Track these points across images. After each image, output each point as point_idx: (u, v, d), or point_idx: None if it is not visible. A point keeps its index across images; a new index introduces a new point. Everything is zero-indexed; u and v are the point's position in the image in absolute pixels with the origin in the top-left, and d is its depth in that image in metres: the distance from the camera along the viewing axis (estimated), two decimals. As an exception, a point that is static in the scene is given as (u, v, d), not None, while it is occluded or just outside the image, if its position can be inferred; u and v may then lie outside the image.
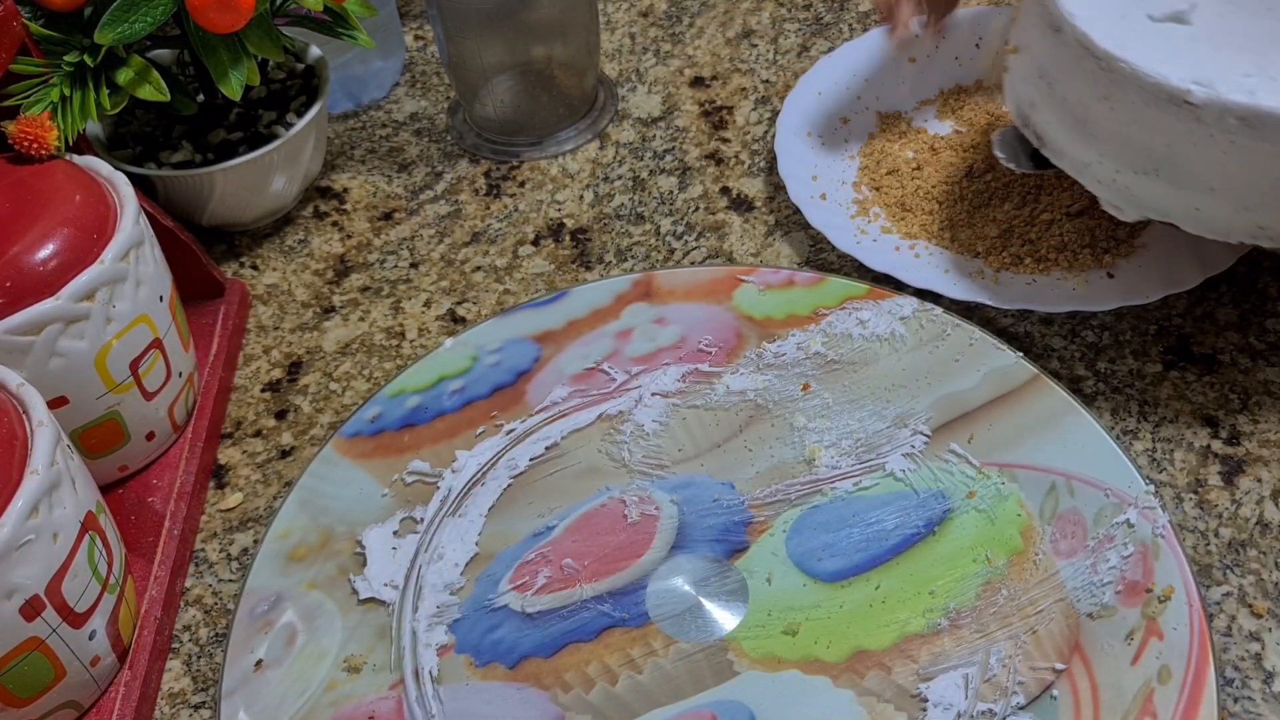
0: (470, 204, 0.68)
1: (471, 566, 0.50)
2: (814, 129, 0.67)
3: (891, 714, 0.44)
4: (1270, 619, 0.46)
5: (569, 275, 0.63)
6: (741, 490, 0.51)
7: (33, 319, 0.46)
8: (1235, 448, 0.52)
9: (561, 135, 0.71)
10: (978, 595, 0.47)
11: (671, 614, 0.48)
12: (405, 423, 0.55)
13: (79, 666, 0.44)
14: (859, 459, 0.52)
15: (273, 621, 0.49)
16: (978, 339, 0.55)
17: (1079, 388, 0.55)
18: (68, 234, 0.48)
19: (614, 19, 0.80)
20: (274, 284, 0.65)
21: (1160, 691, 0.43)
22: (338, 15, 0.60)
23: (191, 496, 0.53)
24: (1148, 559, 0.47)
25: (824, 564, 0.49)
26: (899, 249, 0.60)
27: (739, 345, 0.57)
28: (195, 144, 0.63)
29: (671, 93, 0.74)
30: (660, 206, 0.66)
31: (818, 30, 0.77)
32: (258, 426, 0.58)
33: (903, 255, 0.60)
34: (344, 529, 0.52)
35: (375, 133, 0.74)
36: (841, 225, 0.61)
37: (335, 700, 0.46)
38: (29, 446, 0.42)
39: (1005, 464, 0.51)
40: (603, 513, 0.51)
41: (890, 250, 0.60)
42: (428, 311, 0.62)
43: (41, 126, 0.51)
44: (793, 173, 0.63)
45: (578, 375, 0.56)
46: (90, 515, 0.44)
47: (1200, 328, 0.56)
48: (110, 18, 0.53)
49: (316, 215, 0.68)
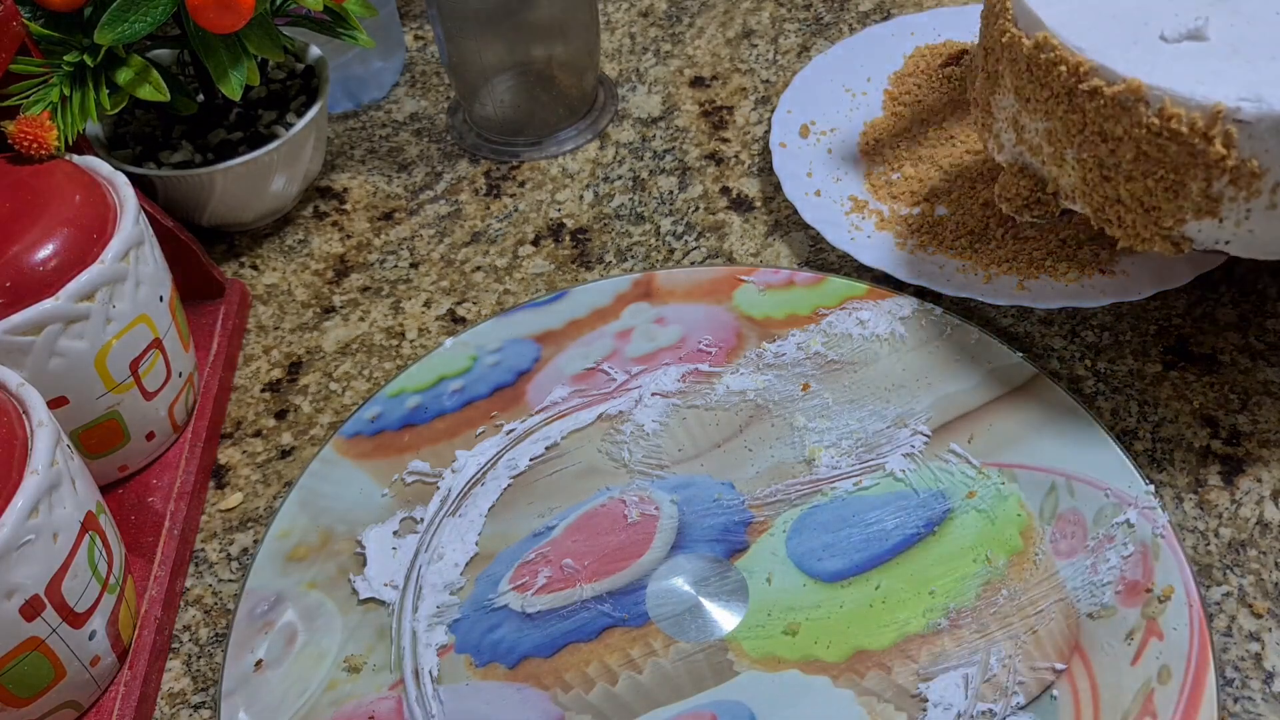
0: (470, 204, 0.68)
1: (471, 566, 0.50)
2: (809, 126, 0.67)
3: (891, 714, 0.44)
4: (1270, 619, 0.46)
5: (569, 275, 0.63)
6: (741, 490, 0.51)
7: (33, 319, 0.46)
8: (1235, 448, 0.52)
9: (561, 135, 0.71)
10: (978, 595, 0.47)
11: (671, 614, 0.48)
12: (405, 423, 0.55)
13: (79, 666, 0.44)
14: (859, 459, 0.52)
15: (273, 621, 0.49)
16: (977, 339, 0.55)
17: (1079, 388, 0.55)
18: (68, 234, 0.48)
19: (614, 19, 0.80)
20: (274, 284, 0.65)
21: (1160, 691, 0.43)
22: (338, 15, 0.60)
23: (191, 496, 0.53)
24: (1148, 559, 0.47)
25: (824, 564, 0.49)
26: (894, 246, 0.60)
27: (739, 345, 0.57)
28: (195, 144, 0.63)
29: (671, 93, 0.74)
30: (660, 206, 0.66)
31: (818, 30, 0.77)
32: (258, 426, 0.58)
33: (897, 252, 0.60)
34: (344, 529, 0.52)
35: (375, 133, 0.74)
36: (836, 222, 0.61)
37: (335, 700, 0.46)
38: (29, 446, 0.42)
39: (1005, 464, 0.51)
40: (603, 513, 0.51)
41: (885, 247, 0.60)
42: (428, 311, 0.62)
43: (41, 126, 0.51)
44: (788, 170, 0.64)
45: (578, 375, 0.56)
46: (90, 515, 0.44)
47: (1200, 328, 0.56)
48: (110, 18, 0.53)
49: (316, 215, 0.68)
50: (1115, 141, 0.48)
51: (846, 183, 0.64)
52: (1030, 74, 0.50)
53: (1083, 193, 0.50)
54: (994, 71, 0.53)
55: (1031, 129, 0.51)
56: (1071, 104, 0.48)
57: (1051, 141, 0.50)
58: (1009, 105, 0.52)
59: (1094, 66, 0.47)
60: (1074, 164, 0.50)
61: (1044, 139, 0.51)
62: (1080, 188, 0.50)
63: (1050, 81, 0.49)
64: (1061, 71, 0.48)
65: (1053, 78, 0.49)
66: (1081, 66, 0.48)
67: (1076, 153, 0.49)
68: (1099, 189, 0.49)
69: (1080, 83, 0.48)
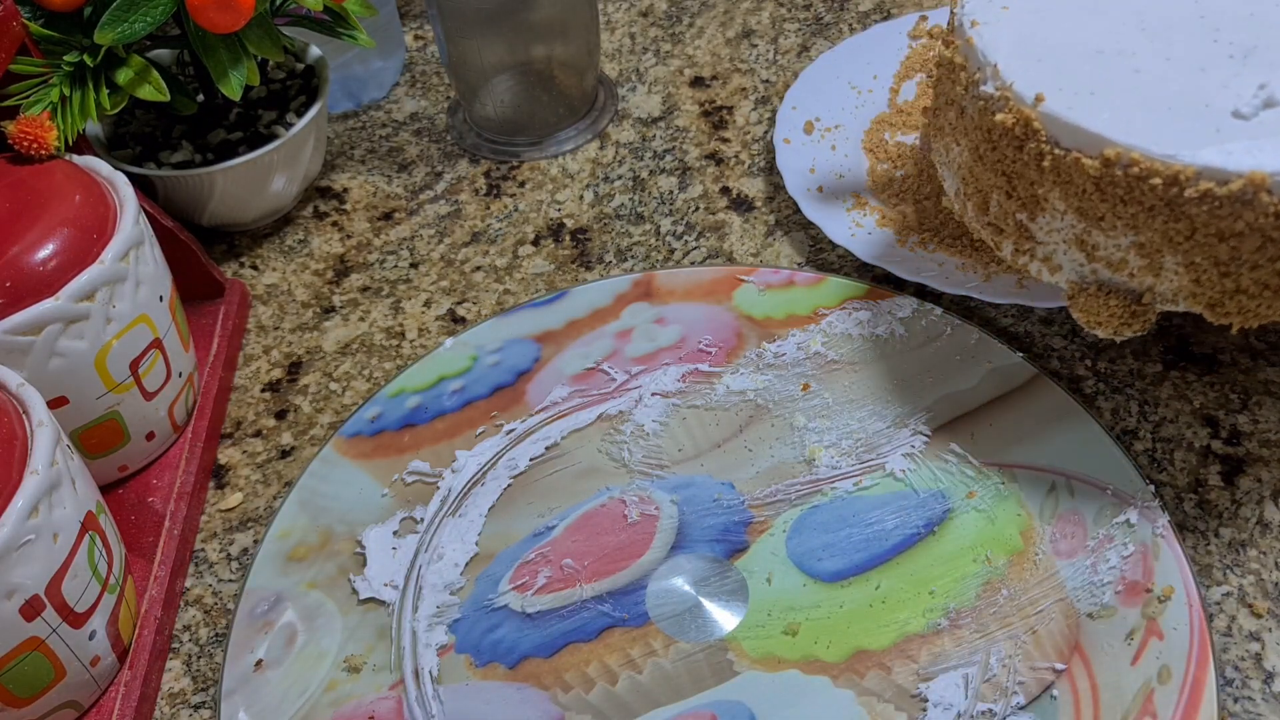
0: (470, 204, 0.68)
1: (471, 566, 0.50)
2: (814, 123, 0.67)
3: (891, 714, 0.44)
4: (1270, 619, 0.46)
5: (569, 275, 0.63)
6: (741, 490, 0.51)
7: (33, 319, 0.46)
8: (1235, 448, 0.52)
9: (561, 135, 0.71)
10: (978, 595, 0.47)
11: (671, 614, 0.48)
12: (405, 423, 0.55)
13: (79, 666, 0.44)
14: (859, 459, 0.52)
15: (273, 621, 0.49)
16: (977, 339, 0.55)
17: (1079, 388, 0.55)
18: (68, 234, 0.48)
19: (614, 19, 0.80)
20: (274, 284, 0.65)
21: (1160, 691, 0.43)
22: (338, 15, 0.60)
23: (191, 496, 0.53)
24: (1148, 559, 0.47)
25: (824, 564, 0.49)
26: (894, 243, 0.60)
27: (739, 345, 0.57)
28: (195, 144, 0.63)
29: (671, 93, 0.74)
30: (660, 206, 0.66)
31: (818, 30, 0.77)
32: (258, 426, 0.58)
33: (897, 249, 0.60)
34: (344, 529, 0.52)
35: (375, 133, 0.74)
36: (838, 218, 0.61)
37: (335, 700, 0.46)
38: (29, 446, 0.42)
39: (1005, 464, 0.51)
40: (603, 513, 0.51)
41: (885, 244, 0.60)
42: (428, 311, 0.62)
43: (41, 126, 0.51)
44: (791, 166, 0.64)
45: (578, 375, 0.56)
46: (90, 515, 0.44)
47: (1200, 328, 0.56)
48: (110, 18, 0.53)
49: (316, 215, 0.68)
50: (1236, 238, 0.44)
51: (849, 180, 0.64)
52: (1103, 192, 0.45)
53: (1192, 293, 0.46)
54: (1029, 197, 0.48)
55: (1110, 245, 0.46)
56: (1174, 213, 0.44)
57: (1145, 254, 0.46)
58: (1065, 227, 0.47)
59: (1198, 170, 0.43)
60: (1179, 269, 0.45)
61: (1132, 253, 0.46)
62: (1189, 289, 0.46)
63: (1139, 197, 0.44)
64: (1155, 184, 0.43)
65: (1142, 192, 0.44)
66: (1182, 175, 0.43)
67: (1183, 259, 0.45)
68: (1215, 286, 0.45)
69: (1183, 190, 0.43)
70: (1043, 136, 0.46)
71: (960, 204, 0.53)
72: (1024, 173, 0.48)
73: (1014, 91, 0.47)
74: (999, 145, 0.48)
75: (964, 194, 0.52)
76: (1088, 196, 0.46)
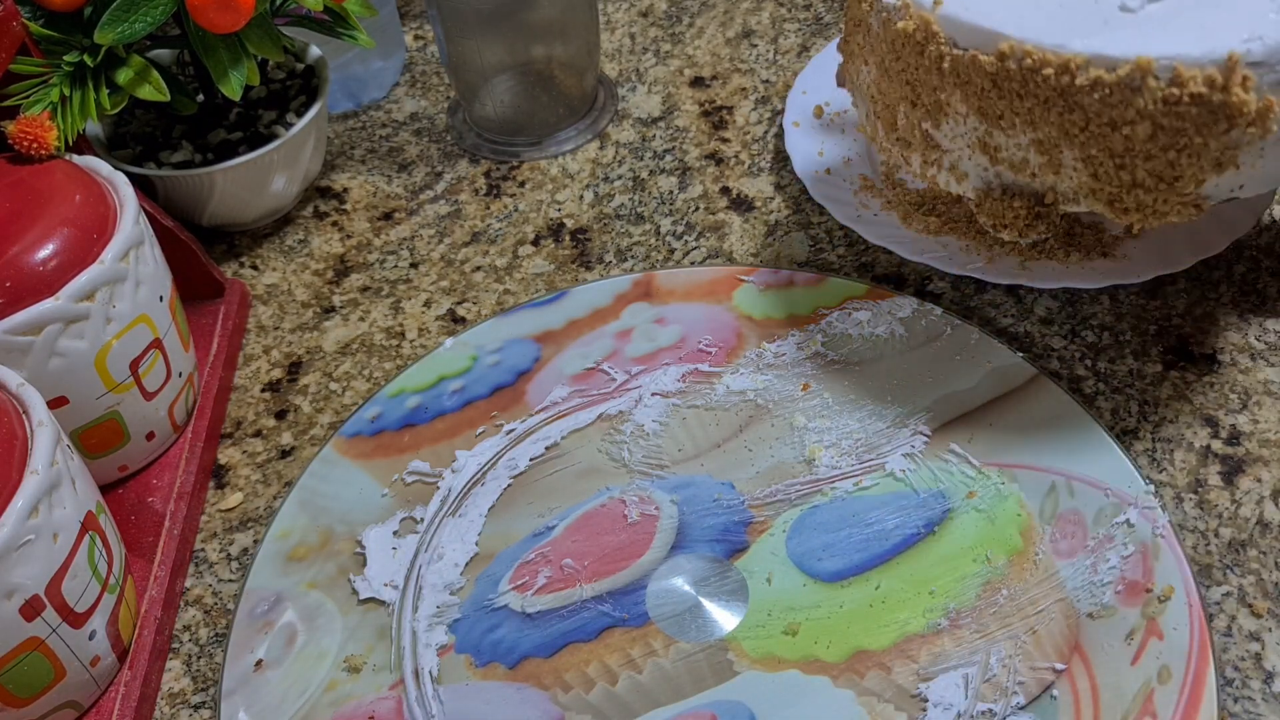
0: (470, 204, 0.68)
1: (471, 566, 0.50)
2: (824, 107, 0.67)
3: (891, 714, 0.44)
4: (1270, 619, 0.46)
5: (569, 275, 0.63)
6: (741, 490, 0.51)
7: (33, 319, 0.46)
8: (1235, 448, 0.52)
9: (561, 135, 0.71)
10: (978, 595, 0.47)
11: (671, 614, 0.48)
12: (405, 423, 0.55)
13: (79, 666, 0.44)
14: (859, 459, 0.52)
15: (273, 621, 0.49)
16: (977, 339, 0.55)
17: (1079, 388, 0.55)
18: (68, 234, 0.48)
19: (614, 19, 0.80)
20: (274, 284, 0.65)
21: (1160, 691, 0.43)
22: (338, 15, 0.60)
23: (191, 496, 0.53)
24: (1148, 559, 0.47)
25: (824, 564, 0.49)
26: (898, 224, 0.60)
27: (739, 345, 0.57)
28: (195, 144, 0.63)
29: (671, 93, 0.74)
30: (660, 206, 0.66)
31: (818, 30, 0.77)
32: (258, 426, 0.58)
33: (902, 230, 0.60)
34: (344, 529, 0.52)
35: (375, 133, 0.74)
36: (844, 200, 0.61)
37: (335, 700, 0.46)
38: (29, 446, 0.42)
39: (1005, 464, 0.51)
40: (603, 513, 0.51)
41: (889, 225, 0.60)
42: (428, 311, 0.62)
43: (41, 126, 0.51)
44: (799, 148, 0.64)
45: (578, 375, 0.56)
46: (90, 515, 0.44)
47: (1200, 328, 0.56)
48: (110, 18, 0.53)
49: (316, 215, 0.68)
50: (1128, 126, 0.46)
51: (857, 164, 0.64)
52: (1000, 89, 0.48)
53: (1091, 189, 0.48)
54: (933, 104, 0.50)
55: (1011, 145, 0.49)
56: (1068, 103, 0.46)
57: (1043, 150, 0.48)
58: (968, 131, 0.50)
59: (1087, 58, 0.45)
60: (1076, 164, 0.48)
61: (1031, 151, 0.49)
62: (1088, 185, 0.48)
63: (1033, 89, 0.47)
64: (1048, 75, 0.46)
65: (1036, 84, 0.46)
66: (1072, 63, 0.45)
67: (1080, 152, 0.47)
68: (1112, 180, 0.48)
69: (1074, 79, 0.46)
70: (941, 39, 0.49)
71: (871, 125, 0.55)
72: (926, 79, 0.50)
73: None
74: (902, 54, 0.50)
75: (874, 114, 0.54)
76: (986, 95, 0.48)
